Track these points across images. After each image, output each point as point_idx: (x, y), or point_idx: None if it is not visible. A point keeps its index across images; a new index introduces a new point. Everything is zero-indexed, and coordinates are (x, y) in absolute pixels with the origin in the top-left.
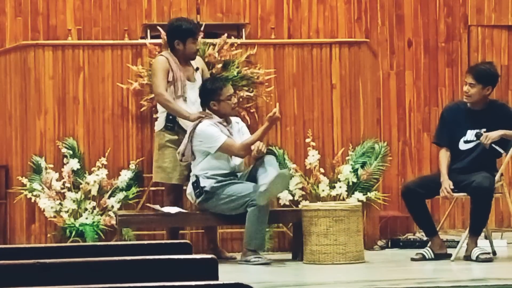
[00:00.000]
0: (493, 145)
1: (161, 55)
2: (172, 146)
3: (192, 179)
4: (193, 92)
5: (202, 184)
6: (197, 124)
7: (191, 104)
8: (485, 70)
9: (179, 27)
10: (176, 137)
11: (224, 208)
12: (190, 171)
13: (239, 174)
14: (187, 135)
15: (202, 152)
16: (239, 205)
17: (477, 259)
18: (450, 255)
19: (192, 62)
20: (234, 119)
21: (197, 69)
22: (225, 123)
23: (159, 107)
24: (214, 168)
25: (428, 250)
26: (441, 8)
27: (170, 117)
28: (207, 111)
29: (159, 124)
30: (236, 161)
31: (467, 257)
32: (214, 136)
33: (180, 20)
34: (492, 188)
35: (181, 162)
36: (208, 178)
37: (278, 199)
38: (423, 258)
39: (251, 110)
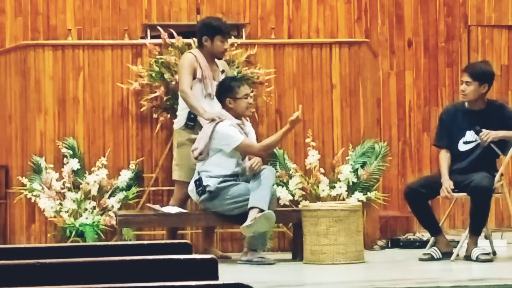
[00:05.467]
0: (491, 145)
1: (190, 52)
2: (190, 145)
3: (195, 176)
4: (212, 92)
5: (205, 183)
6: (217, 124)
7: (216, 103)
8: (480, 67)
9: (209, 24)
10: (195, 135)
11: (228, 208)
12: None
13: (241, 178)
14: (206, 134)
15: (215, 150)
16: (243, 206)
17: (477, 259)
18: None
19: (218, 64)
20: (246, 124)
21: (223, 71)
22: (242, 125)
23: (180, 105)
24: (219, 167)
25: (435, 250)
26: (441, 8)
27: (192, 116)
28: (223, 112)
29: (179, 122)
30: (245, 163)
31: (467, 257)
32: (233, 135)
33: (212, 18)
34: (491, 188)
35: (196, 159)
36: (211, 177)
37: (278, 199)
38: (432, 258)
39: (251, 110)
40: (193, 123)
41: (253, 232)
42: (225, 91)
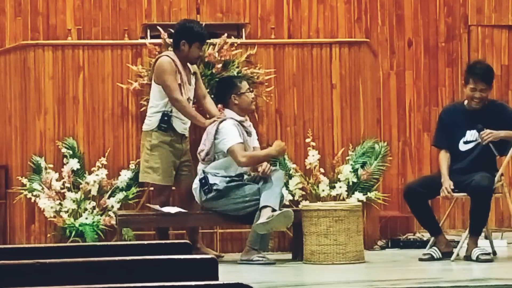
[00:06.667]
0: (490, 144)
1: (166, 55)
2: (164, 147)
3: (200, 175)
4: (190, 96)
5: (211, 181)
6: (220, 123)
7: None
8: (491, 71)
9: (191, 28)
10: (169, 137)
11: (234, 208)
12: (177, 171)
13: (246, 178)
14: (210, 135)
15: (221, 151)
16: (250, 206)
17: (477, 259)
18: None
19: (189, 66)
20: (248, 123)
21: (194, 73)
22: (244, 124)
23: (150, 107)
24: (227, 169)
25: (435, 250)
26: (441, 8)
27: (165, 118)
28: (223, 112)
29: (152, 124)
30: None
31: (467, 257)
32: (229, 136)
33: (193, 22)
34: (491, 187)
35: (202, 161)
36: (216, 176)
37: None
38: (432, 258)
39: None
40: (166, 125)
41: (268, 230)
42: (229, 89)
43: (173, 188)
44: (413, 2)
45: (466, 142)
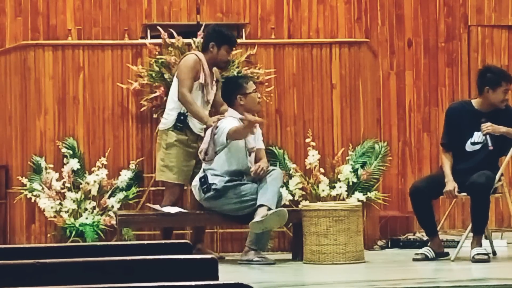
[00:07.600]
0: (487, 136)
1: (194, 54)
2: (180, 146)
3: (200, 173)
4: (210, 99)
5: (210, 181)
6: (218, 121)
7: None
8: None
9: (220, 31)
10: (185, 137)
11: (232, 208)
12: (195, 170)
13: (246, 177)
14: (208, 134)
15: (222, 144)
16: (249, 206)
17: (473, 259)
18: (448, 253)
19: (214, 73)
20: None
21: (217, 81)
22: None
23: (169, 105)
24: (225, 164)
25: (429, 250)
26: (441, 8)
27: (182, 117)
28: (227, 113)
29: (168, 122)
30: (251, 160)
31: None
32: (226, 126)
33: (224, 26)
34: (488, 184)
35: (203, 161)
36: (216, 175)
37: None
38: (426, 258)
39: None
40: (182, 124)
41: (263, 229)
42: (234, 89)
43: (187, 187)
44: (413, 2)
45: (473, 143)
